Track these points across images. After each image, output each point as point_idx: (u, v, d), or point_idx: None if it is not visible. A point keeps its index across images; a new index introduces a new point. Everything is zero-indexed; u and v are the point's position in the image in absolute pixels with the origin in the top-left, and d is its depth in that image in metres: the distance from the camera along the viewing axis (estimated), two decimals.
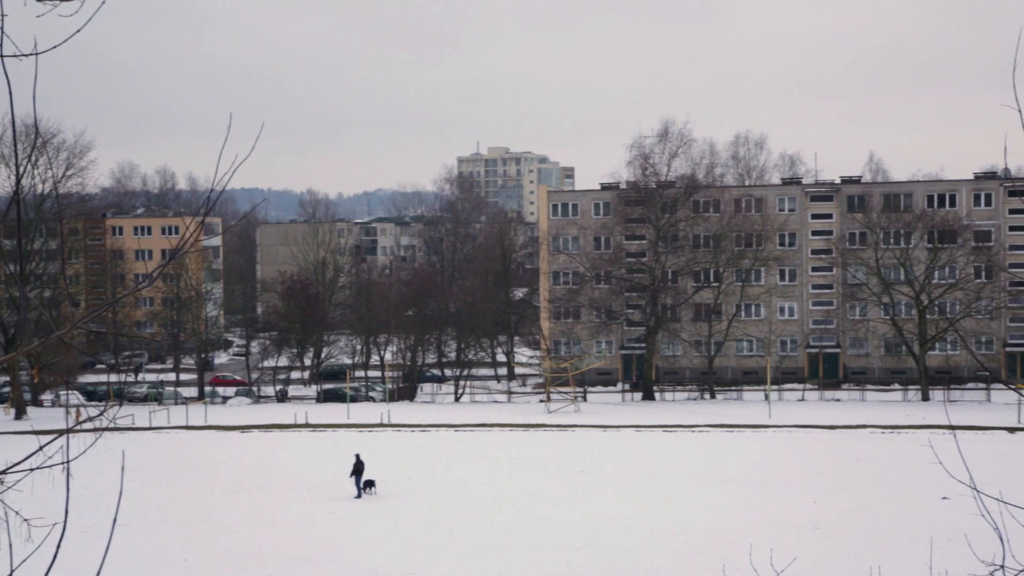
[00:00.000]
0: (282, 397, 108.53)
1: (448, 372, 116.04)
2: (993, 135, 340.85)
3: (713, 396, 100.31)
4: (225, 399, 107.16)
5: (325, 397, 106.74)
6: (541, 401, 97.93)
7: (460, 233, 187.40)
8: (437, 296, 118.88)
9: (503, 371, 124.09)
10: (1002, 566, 7.92)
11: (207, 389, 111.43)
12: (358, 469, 53.25)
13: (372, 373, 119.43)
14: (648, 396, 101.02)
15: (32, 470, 6.94)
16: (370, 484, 53.60)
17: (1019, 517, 8.54)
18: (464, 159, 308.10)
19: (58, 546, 6.48)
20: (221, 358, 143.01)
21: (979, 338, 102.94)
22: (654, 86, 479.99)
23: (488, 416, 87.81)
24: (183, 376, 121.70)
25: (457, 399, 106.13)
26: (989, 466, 44.45)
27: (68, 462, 6.63)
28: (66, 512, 6.86)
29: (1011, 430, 73.46)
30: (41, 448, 7.41)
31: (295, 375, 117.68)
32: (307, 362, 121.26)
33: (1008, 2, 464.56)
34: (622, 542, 41.82)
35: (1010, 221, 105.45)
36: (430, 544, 42.08)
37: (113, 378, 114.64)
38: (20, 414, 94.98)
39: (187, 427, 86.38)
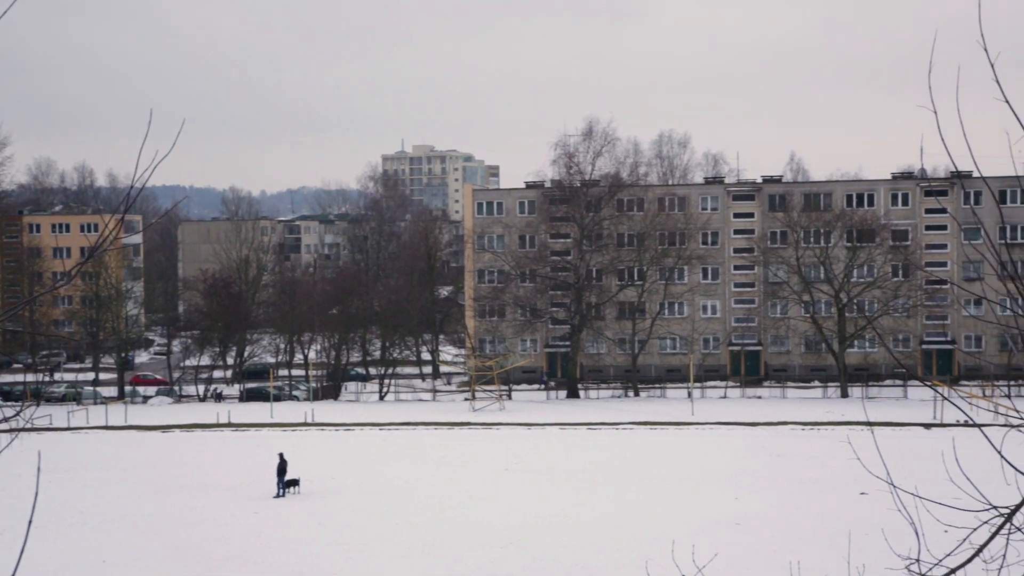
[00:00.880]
0: (215, 397, 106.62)
1: (373, 371, 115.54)
2: (910, 136, 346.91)
3: (637, 394, 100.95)
4: (146, 399, 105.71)
5: (248, 396, 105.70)
6: (466, 399, 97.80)
7: (385, 231, 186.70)
8: (361, 294, 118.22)
9: (428, 369, 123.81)
10: (917, 560, 8.07)
11: (127, 389, 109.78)
12: (282, 468, 52.87)
13: (296, 372, 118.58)
14: (573, 394, 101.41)
15: None
16: (294, 483, 53.23)
17: (934, 512, 8.71)
18: (389, 157, 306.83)
19: None
20: (142, 357, 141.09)
21: (896, 336, 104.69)
22: (579, 85, 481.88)
23: (413, 415, 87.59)
24: (102, 376, 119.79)
25: (382, 398, 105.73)
26: (906, 462, 45.17)
27: None
28: None
29: (927, 426, 74.78)
30: None
31: (218, 374, 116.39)
32: (230, 361, 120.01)
33: (925, 6, 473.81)
34: (546, 539, 41.98)
35: (926, 220, 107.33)
36: (354, 544, 41.89)
37: (30, 378, 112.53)
38: None
39: (107, 427, 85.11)
